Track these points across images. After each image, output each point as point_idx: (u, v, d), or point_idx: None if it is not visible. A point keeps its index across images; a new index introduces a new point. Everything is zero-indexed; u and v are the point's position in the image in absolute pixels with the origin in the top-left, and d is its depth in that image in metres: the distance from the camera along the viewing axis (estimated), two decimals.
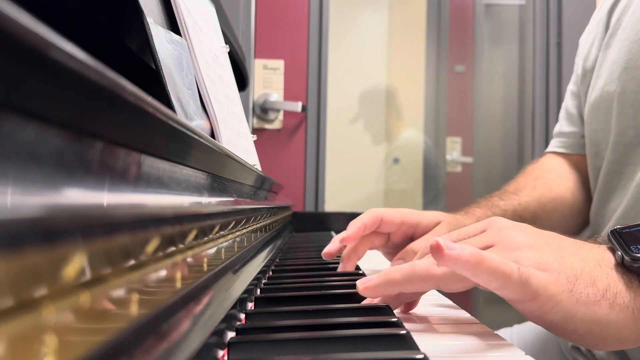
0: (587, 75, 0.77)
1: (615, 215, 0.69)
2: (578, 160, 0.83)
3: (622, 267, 0.37)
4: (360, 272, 0.64)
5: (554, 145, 0.86)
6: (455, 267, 0.35)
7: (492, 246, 0.38)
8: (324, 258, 0.65)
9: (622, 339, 0.36)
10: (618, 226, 0.40)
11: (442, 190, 2.35)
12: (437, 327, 0.42)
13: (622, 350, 0.64)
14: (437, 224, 0.68)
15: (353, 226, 0.63)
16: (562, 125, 0.86)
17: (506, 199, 0.75)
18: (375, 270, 0.60)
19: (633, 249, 0.37)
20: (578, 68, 0.82)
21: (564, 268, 0.36)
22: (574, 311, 0.35)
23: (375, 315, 0.40)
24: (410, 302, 0.45)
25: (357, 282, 0.42)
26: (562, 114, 0.87)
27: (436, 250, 0.35)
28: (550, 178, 0.80)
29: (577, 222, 0.82)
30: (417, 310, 0.47)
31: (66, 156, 0.16)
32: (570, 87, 0.86)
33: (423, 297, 0.53)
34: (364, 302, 0.43)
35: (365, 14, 2.41)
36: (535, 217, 0.76)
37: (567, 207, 0.79)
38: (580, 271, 0.36)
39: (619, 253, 0.38)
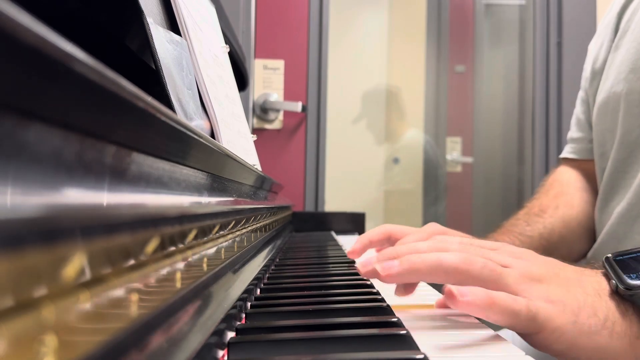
0: (596, 76, 0.78)
1: (617, 213, 0.69)
2: (588, 166, 0.84)
3: (617, 295, 0.39)
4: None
5: (566, 151, 0.89)
6: (469, 312, 0.37)
7: (508, 267, 0.40)
8: (349, 257, 0.66)
9: None
10: (611, 254, 0.41)
11: (443, 190, 2.35)
12: (437, 327, 0.42)
13: None
14: None
15: (359, 242, 0.64)
16: (573, 131, 0.88)
17: (532, 224, 0.76)
18: None
19: (627, 278, 0.39)
20: (587, 72, 0.83)
21: (569, 300, 0.38)
22: (577, 341, 0.37)
23: (375, 315, 0.40)
24: (409, 287, 0.46)
25: (377, 267, 0.42)
26: (573, 120, 0.89)
27: (450, 297, 0.37)
28: (570, 193, 0.82)
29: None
30: (417, 310, 0.47)
31: (66, 156, 0.16)
32: (580, 94, 0.87)
33: (423, 298, 0.53)
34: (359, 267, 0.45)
35: (365, 14, 2.41)
36: (562, 237, 0.77)
37: (590, 219, 0.80)
38: (583, 302, 0.38)
39: (614, 282, 0.39)
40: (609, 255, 0.41)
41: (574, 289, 0.39)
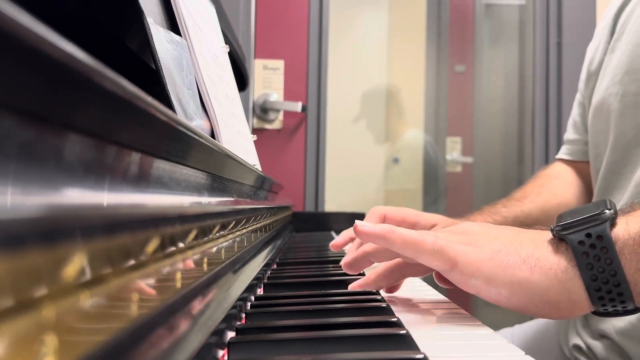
0: (592, 78, 0.79)
1: None
2: (583, 167, 0.85)
3: (554, 238, 0.41)
4: (361, 272, 0.63)
5: (562, 152, 0.90)
6: (370, 239, 0.45)
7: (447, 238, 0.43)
8: (331, 249, 0.73)
9: (552, 302, 0.39)
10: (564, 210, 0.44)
11: (443, 190, 2.35)
12: (437, 327, 0.42)
13: (624, 349, 0.64)
14: (434, 225, 0.71)
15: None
16: (569, 133, 0.89)
17: (509, 206, 0.79)
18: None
19: (561, 221, 0.41)
20: (583, 74, 0.84)
21: (490, 244, 0.41)
22: (493, 274, 0.40)
23: (375, 315, 0.40)
24: (393, 286, 0.51)
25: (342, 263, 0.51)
26: (569, 122, 0.90)
27: (354, 229, 0.44)
28: (556, 184, 0.84)
29: None
30: (418, 310, 0.47)
31: (66, 156, 0.16)
32: (577, 96, 0.88)
33: (423, 297, 0.53)
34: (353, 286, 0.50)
35: (365, 14, 2.41)
36: (538, 222, 0.78)
37: None
38: (507, 244, 0.41)
39: (551, 227, 0.42)
40: (562, 212, 0.43)
41: (503, 236, 0.42)
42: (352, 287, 0.50)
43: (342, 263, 0.53)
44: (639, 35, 0.67)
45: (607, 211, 0.39)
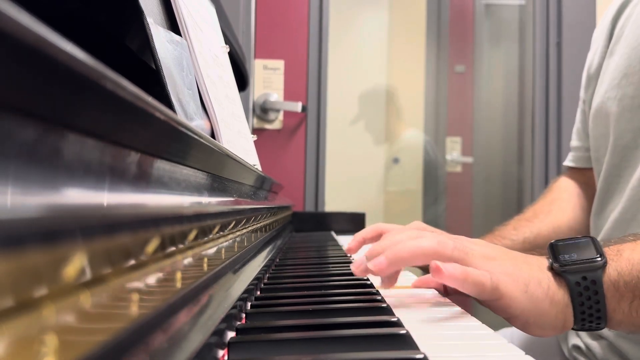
0: (591, 82, 0.79)
1: (612, 217, 0.70)
2: (587, 174, 0.86)
3: (553, 271, 0.47)
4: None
5: (568, 159, 0.92)
6: (449, 283, 0.45)
7: (471, 251, 0.48)
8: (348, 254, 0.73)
9: (555, 326, 0.46)
10: (555, 240, 0.50)
11: (443, 190, 2.35)
12: (437, 327, 0.42)
13: (621, 350, 0.65)
14: None
15: (354, 240, 0.71)
16: (573, 140, 0.91)
17: (519, 228, 0.82)
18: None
19: (560, 258, 0.47)
20: (583, 79, 0.85)
21: (519, 273, 0.46)
22: (527, 306, 0.45)
23: (375, 314, 0.40)
24: (392, 279, 0.52)
25: (369, 265, 0.48)
26: (574, 128, 0.91)
27: (435, 271, 0.45)
28: (565, 199, 0.87)
29: None
30: (418, 310, 0.47)
31: (66, 156, 0.16)
32: (580, 102, 0.89)
33: (422, 299, 0.53)
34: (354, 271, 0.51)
35: (365, 14, 2.41)
36: (549, 240, 0.77)
37: (583, 225, 0.84)
38: (529, 275, 0.46)
39: (550, 260, 0.47)
40: (552, 241, 0.49)
41: (520, 264, 0.47)
42: (353, 267, 0.52)
43: (376, 269, 0.49)
44: (636, 39, 0.68)
45: (599, 258, 0.46)
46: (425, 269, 0.58)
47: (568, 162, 0.91)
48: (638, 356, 0.63)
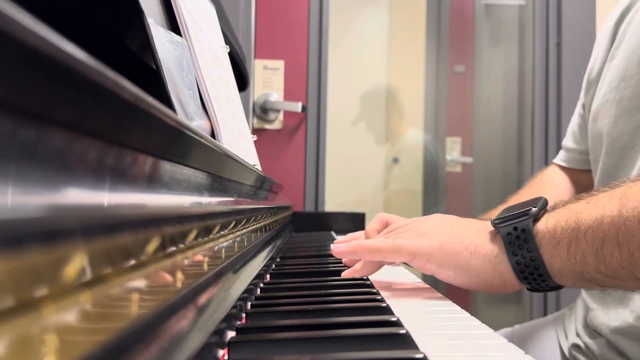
0: (592, 86, 0.80)
1: None
2: (579, 175, 0.89)
3: (493, 229, 0.50)
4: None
5: (559, 157, 0.93)
6: (344, 256, 0.59)
7: (396, 240, 0.54)
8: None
9: (487, 280, 0.49)
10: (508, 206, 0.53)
11: (443, 190, 2.35)
12: (437, 327, 0.42)
13: (619, 347, 0.66)
14: None
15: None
16: (567, 140, 0.92)
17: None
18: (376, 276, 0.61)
19: (499, 215, 0.50)
20: (584, 83, 0.86)
21: (440, 235, 0.51)
22: (442, 260, 0.50)
23: (375, 314, 0.41)
24: (369, 267, 0.59)
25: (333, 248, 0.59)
26: (569, 129, 0.93)
27: (333, 251, 0.58)
28: (548, 187, 0.89)
29: None
30: (418, 310, 0.47)
31: (66, 156, 0.16)
32: (578, 105, 0.90)
33: (423, 297, 0.53)
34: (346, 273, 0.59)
35: (365, 14, 2.41)
36: None
37: None
38: (454, 235, 0.51)
39: (491, 219, 0.50)
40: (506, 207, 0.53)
41: (453, 228, 0.52)
42: (344, 274, 0.59)
43: (344, 274, 0.60)
44: (635, 43, 0.69)
45: (533, 209, 0.48)
46: (429, 279, 0.65)
47: (559, 161, 0.93)
48: (636, 353, 0.64)
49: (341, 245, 0.58)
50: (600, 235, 0.43)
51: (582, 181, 0.87)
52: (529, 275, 0.47)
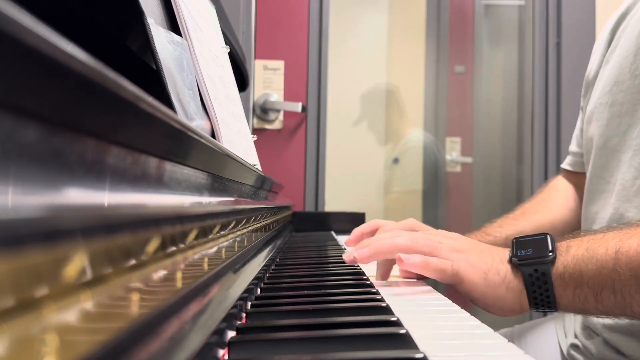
0: (589, 89, 0.82)
1: (602, 217, 0.72)
2: (583, 178, 0.89)
3: (512, 263, 0.56)
4: (360, 270, 0.64)
5: (565, 162, 0.96)
6: (412, 269, 0.57)
7: (439, 245, 0.58)
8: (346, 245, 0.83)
9: (513, 309, 0.56)
10: (517, 236, 0.59)
11: (442, 190, 2.35)
12: (437, 327, 0.42)
13: (614, 345, 0.67)
14: None
15: (353, 234, 0.82)
16: (572, 145, 0.94)
17: (504, 226, 0.89)
18: (373, 271, 0.65)
19: (518, 253, 0.56)
20: (583, 87, 0.88)
21: (481, 263, 0.56)
22: (486, 290, 0.55)
23: (375, 314, 0.41)
24: (385, 274, 0.64)
25: (355, 254, 0.59)
26: (574, 133, 0.95)
27: (399, 261, 0.56)
28: (553, 199, 0.92)
29: None
30: (418, 310, 0.47)
31: (67, 156, 0.16)
32: (581, 111, 0.92)
33: (423, 297, 0.53)
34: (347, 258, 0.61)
35: (365, 14, 2.41)
36: None
37: (566, 225, 0.89)
38: (490, 265, 0.56)
39: (509, 255, 0.57)
40: (516, 237, 0.58)
41: (485, 256, 0.57)
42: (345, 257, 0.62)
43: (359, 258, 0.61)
44: (628, 49, 0.71)
45: (550, 254, 0.55)
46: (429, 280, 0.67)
47: (566, 165, 0.95)
48: (632, 350, 0.65)
49: (411, 258, 0.56)
50: (599, 283, 0.52)
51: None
52: (541, 307, 0.55)
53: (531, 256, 0.55)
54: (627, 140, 0.69)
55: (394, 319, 0.37)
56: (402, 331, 0.33)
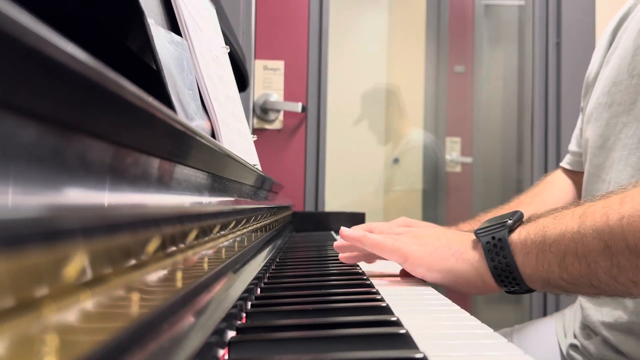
0: (589, 90, 0.83)
1: None
2: (581, 176, 0.90)
3: (475, 238, 0.57)
4: (360, 270, 0.64)
5: (565, 160, 0.97)
6: (349, 240, 0.64)
7: (401, 231, 0.63)
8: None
9: (471, 283, 0.56)
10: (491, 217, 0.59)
11: (442, 190, 2.35)
12: (437, 327, 0.42)
13: (613, 344, 0.67)
14: None
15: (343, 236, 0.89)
16: (572, 144, 0.95)
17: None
18: (371, 270, 0.67)
19: (481, 226, 0.57)
20: (583, 87, 0.88)
21: (432, 244, 0.58)
22: (431, 264, 0.57)
23: (375, 314, 0.41)
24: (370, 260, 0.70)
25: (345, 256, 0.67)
26: (574, 133, 0.96)
27: (340, 233, 0.65)
28: (550, 192, 0.93)
29: None
30: (418, 310, 0.47)
31: (67, 156, 0.16)
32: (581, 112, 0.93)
33: (423, 297, 0.53)
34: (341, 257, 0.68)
35: (365, 14, 2.41)
36: None
37: None
38: (443, 243, 0.58)
39: (474, 230, 0.57)
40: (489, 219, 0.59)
41: (442, 238, 0.59)
42: (341, 257, 0.68)
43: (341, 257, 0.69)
44: (627, 50, 0.72)
45: (508, 221, 0.55)
46: None
47: (565, 164, 0.96)
48: (630, 348, 0.65)
49: (348, 230, 0.65)
50: (562, 249, 0.50)
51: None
52: (505, 279, 0.54)
53: (489, 226, 0.56)
54: (622, 139, 0.69)
55: (393, 318, 0.37)
56: (402, 331, 0.33)
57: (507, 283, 0.54)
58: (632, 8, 0.77)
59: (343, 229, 0.66)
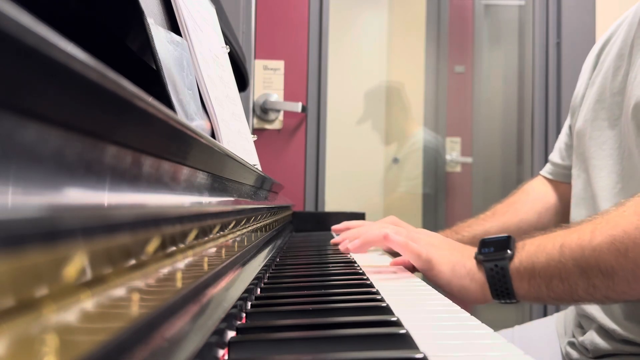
0: (576, 110, 0.88)
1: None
2: (561, 186, 0.97)
3: (477, 259, 0.65)
4: (360, 270, 0.64)
5: (545, 169, 1.01)
6: (393, 246, 0.69)
7: (418, 236, 0.70)
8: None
9: (477, 298, 0.65)
10: (484, 236, 0.69)
11: (442, 190, 2.35)
12: (437, 327, 0.42)
13: (610, 331, 0.70)
14: None
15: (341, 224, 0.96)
16: (554, 156, 0.99)
17: (473, 226, 0.98)
18: (370, 266, 0.70)
19: (482, 250, 0.65)
20: (570, 107, 0.93)
21: (451, 257, 0.66)
22: (451, 279, 0.65)
23: (375, 314, 0.41)
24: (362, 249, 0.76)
25: (348, 246, 0.75)
26: (556, 145, 1.00)
27: (385, 238, 0.69)
28: (524, 201, 0.99)
29: None
30: (418, 310, 0.47)
31: (67, 156, 0.16)
32: (566, 123, 0.98)
33: (423, 297, 0.53)
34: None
35: (365, 14, 2.41)
36: None
37: (531, 227, 0.96)
38: (459, 260, 0.66)
39: (476, 254, 0.66)
40: (484, 238, 0.67)
41: (455, 252, 0.67)
42: (333, 241, 0.80)
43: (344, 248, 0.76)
44: (608, 69, 0.78)
45: (508, 252, 0.63)
46: (394, 254, 0.80)
47: (545, 173, 1.00)
48: (626, 327, 0.68)
49: (395, 237, 0.68)
50: (548, 274, 0.60)
51: (565, 192, 0.94)
52: (501, 295, 0.64)
53: (493, 254, 0.64)
54: (606, 150, 0.76)
55: (394, 319, 0.37)
56: (402, 331, 0.33)
57: (501, 297, 0.64)
58: (612, 34, 0.83)
59: (391, 234, 0.68)
